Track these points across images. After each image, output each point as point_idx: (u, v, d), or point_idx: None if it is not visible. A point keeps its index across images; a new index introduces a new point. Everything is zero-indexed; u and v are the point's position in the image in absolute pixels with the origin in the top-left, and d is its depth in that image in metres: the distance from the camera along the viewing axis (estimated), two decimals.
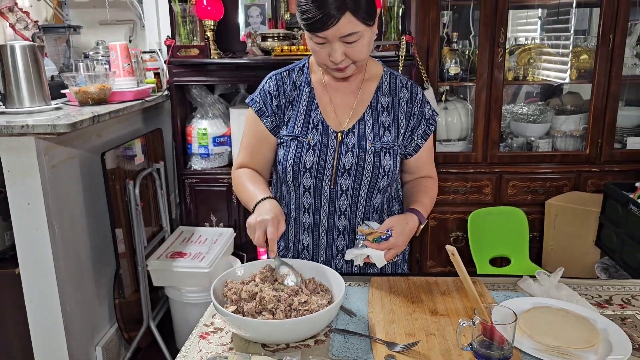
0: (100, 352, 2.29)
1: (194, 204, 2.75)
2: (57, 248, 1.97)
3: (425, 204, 1.41)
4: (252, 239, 1.21)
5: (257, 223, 1.20)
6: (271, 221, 1.19)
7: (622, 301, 1.30)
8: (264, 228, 1.19)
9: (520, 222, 2.70)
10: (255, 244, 1.21)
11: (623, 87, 2.70)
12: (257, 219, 1.21)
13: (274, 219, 1.20)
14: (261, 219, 1.20)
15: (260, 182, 1.38)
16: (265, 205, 1.25)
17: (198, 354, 1.10)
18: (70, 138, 2.07)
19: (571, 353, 1.05)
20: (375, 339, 1.11)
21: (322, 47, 1.25)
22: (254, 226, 1.21)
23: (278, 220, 1.21)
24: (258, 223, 1.20)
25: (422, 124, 1.42)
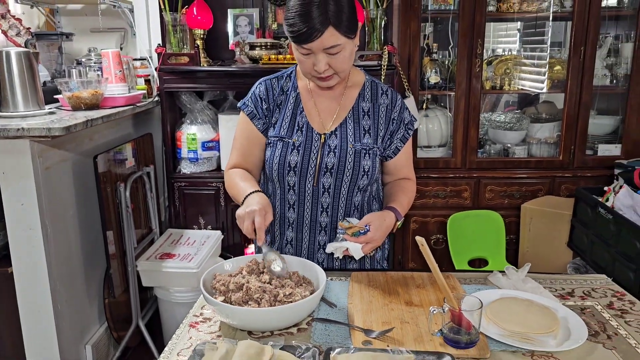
0: (90, 351, 2.34)
1: (183, 207, 2.82)
2: (49, 248, 2.03)
3: (402, 203, 1.51)
4: (242, 229, 1.30)
5: (246, 214, 1.29)
6: (258, 211, 1.29)
7: (583, 293, 1.40)
8: (252, 218, 1.29)
9: (497, 225, 2.81)
10: (245, 234, 1.30)
11: (594, 96, 2.84)
12: (246, 209, 1.30)
13: (261, 210, 1.30)
14: (249, 210, 1.30)
15: (250, 179, 1.47)
16: (254, 198, 1.35)
17: (188, 341, 1.18)
18: (64, 141, 2.14)
19: (532, 338, 1.15)
20: (353, 327, 1.20)
21: (307, 58, 1.35)
22: (243, 216, 1.30)
23: (265, 211, 1.31)
24: (247, 214, 1.29)
25: (401, 128, 1.52)
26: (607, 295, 1.39)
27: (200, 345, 1.09)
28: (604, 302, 1.35)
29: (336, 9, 1.28)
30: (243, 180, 1.46)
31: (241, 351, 1.03)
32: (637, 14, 2.68)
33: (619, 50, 2.87)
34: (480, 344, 1.13)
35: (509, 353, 1.12)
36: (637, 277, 2.07)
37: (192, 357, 1.05)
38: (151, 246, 2.64)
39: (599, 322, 1.25)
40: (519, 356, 1.11)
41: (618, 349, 1.13)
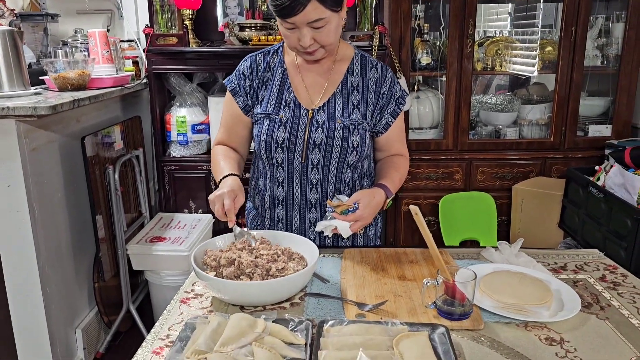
0: (80, 335, 2.32)
1: (173, 191, 2.80)
2: (37, 230, 2.00)
3: (393, 179, 1.49)
4: (214, 212, 1.31)
5: (216, 197, 1.30)
6: (227, 194, 1.30)
7: (575, 267, 1.40)
8: (221, 201, 1.29)
9: (489, 206, 2.82)
10: (217, 217, 1.30)
11: (585, 77, 2.83)
12: (216, 193, 1.31)
13: (230, 192, 1.30)
14: (219, 193, 1.31)
15: (230, 159, 1.47)
16: (226, 182, 1.36)
17: (179, 317, 1.16)
18: (50, 122, 2.10)
19: (526, 309, 1.14)
20: (346, 300, 1.19)
21: (292, 32, 1.33)
22: (214, 200, 1.31)
23: (235, 194, 1.31)
24: (216, 197, 1.30)
25: (391, 102, 1.50)
26: (600, 269, 1.39)
27: (191, 319, 1.07)
28: (596, 275, 1.35)
29: None
30: (223, 160, 1.46)
31: (233, 323, 1.01)
32: None
33: (609, 30, 2.87)
34: (474, 316, 1.13)
35: (502, 324, 1.11)
36: (628, 255, 2.08)
37: (184, 331, 1.04)
38: (141, 230, 2.62)
39: (591, 294, 1.24)
40: (513, 327, 1.10)
41: (611, 320, 1.13)
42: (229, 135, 1.54)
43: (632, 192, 2.05)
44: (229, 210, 1.28)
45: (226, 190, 1.31)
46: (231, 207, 1.28)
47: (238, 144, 1.55)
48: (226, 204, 1.28)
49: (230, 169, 1.42)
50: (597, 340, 1.06)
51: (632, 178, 2.06)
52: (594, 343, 1.05)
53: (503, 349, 1.03)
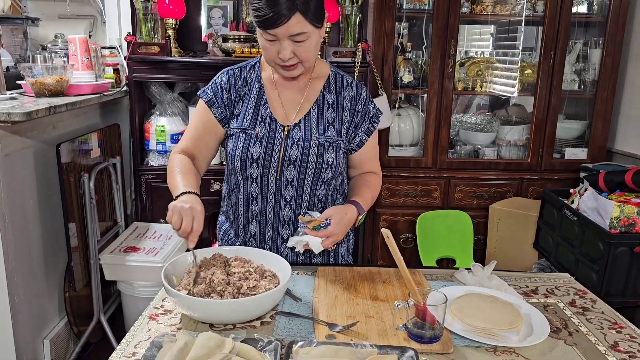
0: (48, 346, 2.27)
1: (150, 200, 2.76)
2: (7, 238, 1.96)
3: (365, 197, 1.49)
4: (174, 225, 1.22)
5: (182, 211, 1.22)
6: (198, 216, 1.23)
7: (546, 291, 1.41)
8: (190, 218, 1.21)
9: (466, 225, 2.84)
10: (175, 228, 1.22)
11: (563, 100, 2.89)
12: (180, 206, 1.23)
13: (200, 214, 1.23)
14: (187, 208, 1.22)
15: (192, 174, 1.39)
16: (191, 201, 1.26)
17: (147, 333, 1.15)
18: (25, 128, 2.06)
19: (495, 333, 1.15)
20: (317, 321, 1.19)
21: (272, 45, 1.33)
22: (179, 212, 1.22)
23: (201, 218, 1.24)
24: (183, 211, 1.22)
25: (365, 121, 1.51)
26: (570, 294, 1.40)
27: (158, 338, 1.05)
28: (566, 300, 1.36)
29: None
30: (181, 174, 1.37)
31: (201, 343, 1.00)
32: (606, 21, 2.74)
33: (587, 56, 2.93)
34: (444, 339, 1.13)
35: (472, 348, 1.12)
36: (599, 278, 2.10)
37: (149, 349, 1.02)
38: (116, 239, 2.58)
39: (561, 319, 1.26)
40: (482, 351, 1.11)
41: (579, 346, 1.14)
42: (195, 144, 1.48)
43: (604, 216, 2.08)
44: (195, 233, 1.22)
45: (199, 208, 1.24)
46: (198, 230, 1.22)
47: (203, 154, 1.50)
48: (195, 227, 1.22)
49: (190, 185, 1.33)
50: None
51: (605, 203, 2.09)
52: None
53: None
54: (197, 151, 1.49)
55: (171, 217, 1.23)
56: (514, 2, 2.83)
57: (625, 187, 2.22)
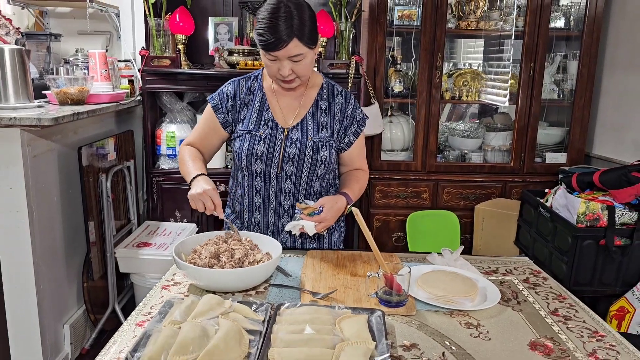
0: (68, 330, 2.50)
1: (161, 201, 3.00)
2: (34, 230, 2.20)
3: (353, 189, 1.72)
4: (199, 209, 1.51)
5: (202, 196, 1.50)
6: (213, 193, 1.51)
7: (505, 271, 1.62)
8: (209, 198, 1.50)
9: (453, 224, 3.05)
10: (201, 211, 1.51)
11: (543, 109, 3.10)
12: (197, 191, 1.51)
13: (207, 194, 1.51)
14: (203, 192, 1.51)
15: (200, 161, 1.68)
16: (199, 184, 1.55)
17: (160, 299, 1.37)
18: (51, 132, 2.31)
19: (452, 300, 1.36)
20: (303, 290, 1.41)
21: (274, 63, 1.57)
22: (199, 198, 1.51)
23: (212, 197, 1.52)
24: (203, 196, 1.50)
25: (353, 124, 1.74)
26: (526, 273, 1.61)
27: (170, 299, 1.28)
28: (521, 278, 1.57)
29: (300, 23, 1.50)
30: (192, 160, 1.66)
31: (204, 301, 1.22)
32: (581, 35, 2.96)
33: (566, 67, 3.15)
34: (408, 304, 1.34)
35: (432, 312, 1.33)
36: (568, 269, 2.31)
37: (163, 307, 1.24)
38: (129, 235, 2.81)
39: (512, 292, 1.47)
40: (440, 314, 1.32)
41: (524, 311, 1.35)
42: (201, 141, 1.75)
43: (572, 212, 2.29)
44: (218, 206, 1.50)
45: (209, 187, 1.51)
46: (219, 202, 1.51)
47: (206, 151, 1.77)
48: (215, 201, 1.50)
49: (199, 168, 1.62)
50: (507, 326, 1.28)
51: (573, 200, 2.30)
52: (503, 327, 1.27)
53: (428, 329, 1.25)
54: (202, 147, 1.76)
55: (198, 204, 1.51)
56: (497, 18, 3.06)
57: (595, 186, 2.42)
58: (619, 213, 2.24)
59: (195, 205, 1.51)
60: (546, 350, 1.17)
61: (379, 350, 1.11)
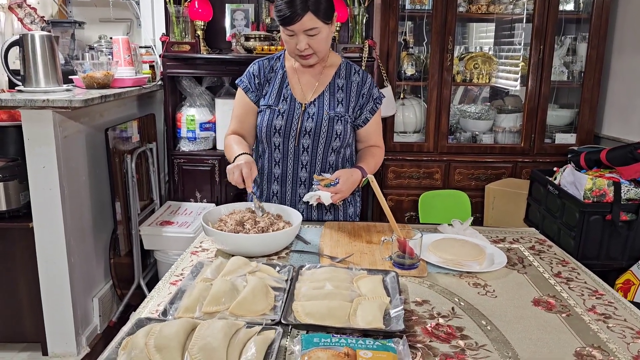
0: (97, 303, 2.64)
1: (181, 182, 3.12)
2: (65, 207, 2.33)
3: (369, 164, 1.82)
4: (232, 181, 1.62)
5: (234, 167, 1.62)
6: (244, 164, 1.61)
7: (512, 240, 1.72)
8: (239, 170, 1.61)
9: (464, 204, 3.13)
10: (235, 184, 1.61)
11: (552, 90, 3.16)
12: (234, 164, 1.63)
13: (247, 164, 1.62)
14: (237, 164, 1.62)
15: (242, 144, 1.79)
16: (242, 157, 1.67)
17: (190, 263, 1.49)
18: (80, 114, 2.43)
19: (461, 263, 1.46)
20: (322, 255, 1.51)
21: (291, 38, 1.67)
22: (232, 169, 1.62)
23: (250, 166, 1.62)
24: (235, 167, 1.62)
25: (370, 102, 1.84)
26: (532, 242, 1.70)
27: (201, 260, 1.39)
28: (527, 246, 1.66)
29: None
30: (236, 144, 1.78)
31: (232, 262, 1.33)
32: (590, 17, 3.01)
33: (576, 49, 3.20)
34: (420, 267, 1.44)
35: (442, 274, 1.43)
36: (576, 243, 2.39)
37: (195, 267, 1.36)
38: (152, 215, 2.94)
39: (518, 257, 1.56)
40: (450, 276, 1.42)
41: (528, 274, 1.44)
42: (240, 125, 1.86)
43: (579, 188, 2.36)
44: (247, 178, 1.59)
45: (243, 161, 1.62)
46: (249, 174, 1.60)
47: (249, 131, 1.86)
48: (244, 172, 1.59)
49: (243, 150, 1.73)
50: (512, 286, 1.37)
51: (580, 176, 2.38)
52: (509, 287, 1.36)
53: (438, 289, 1.35)
54: (244, 131, 1.86)
55: (232, 177, 1.61)
56: (507, 1, 3.12)
57: (602, 164, 2.49)
58: (624, 189, 2.31)
59: (229, 177, 1.62)
60: (548, 306, 1.26)
61: (393, 304, 1.21)
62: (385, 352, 1.01)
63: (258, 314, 1.15)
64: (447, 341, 1.10)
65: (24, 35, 2.34)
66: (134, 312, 1.21)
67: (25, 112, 2.19)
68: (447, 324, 1.17)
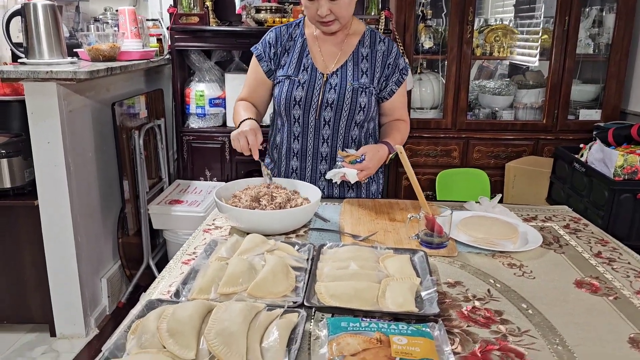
0: (105, 284, 2.57)
1: (191, 160, 3.03)
2: (71, 184, 2.24)
3: (396, 139, 1.71)
4: (237, 148, 1.53)
5: (239, 134, 1.52)
6: (249, 132, 1.52)
7: (544, 218, 1.61)
8: (244, 137, 1.51)
9: (483, 182, 3.02)
10: (240, 151, 1.52)
11: (577, 64, 3.02)
12: (238, 131, 1.54)
13: (252, 130, 1.52)
14: (241, 131, 1.53)
15: (251, 110, 1.70)
16: (246, 123, 1.58)
17: (203, 241, 1.39)
18: (85, 88, 2.33)
19: (494, 242, 1.36)
20: (343, 233, 1.42)
21: (312, 4, 1.55)
22: (237, 137, 1.53)
23: (255, 132, 1.53)
24: (240, 134, 1.52)
25: (395, 72, 1.72)
26: (565, 220, 1.60)
27: (215, 238, 1.30)
28: (561, 224, 1.56)
29: None
30: (244, 110, 1.69)
31: (249, 239, 1.24)
32: None
33: (602, 21, 3.05)
34: (449, 246, 1.34)
35: (473, 254, 1.33)
36: (604, 222, 2.28)
37: (209, 245, 1.26)
38: (161, 193, 2.85)
39: (554, 237, 1.46)
40: (482, 256, 1.32)
41: (566, 254, 1.34)
42: (250, 95, 1.77)
43: (609, 165, 2.24)
44: (253, 146, 1.50)
45: (247, 128, 1.52)
46: (254, 142, 1.50)
47: (258, 104, 1.77)
48: (250, 140, 1.50)
49: (250, 115, 1.64)
50: (551, 266, 1.27)
51: (610, 153, 2.25)
52: (547, 268, 1.26)
53: (471, 269, 1.25)
54: (253, 100, 1.77)
55: (237, 144, 1.52)
56: None
57: (632, 140, 2.37)
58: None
59: (234, 144, 1.53)
60: (593, 288, 1.16)
61: (424, 286, 1.11)
62: (422, 338, 0.92)
63: (279, 295, 1.05)
64: (486, 326, 1.01)
65: (25, 4, 2.23)
66: (144, 293, 1.12)
67: (29, 84, 2.10)
68: (484, 307, 1.07)
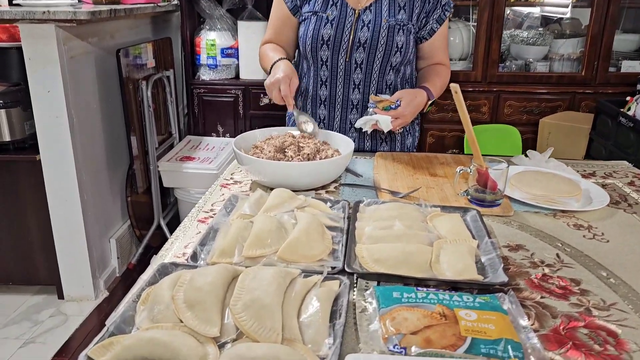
0: (114, 244, 2.43)
1: (202, 114, 2.84)
2: (75, 138, 2.07)
3: (435, 84, 1.51)
4: (272, 98, 1.35)
5: (272, 83, 1.35)
6: (282, 79, 1.34)
7: (604, 174, 1.43)
8: (278, 86, 1.34)
9: (515, 139, 2.82)
10: (275, 102, 1.33)
11: (622, 11, 2.76)
12: (271, 80, 1.35)
13: (285, 77, 1.35)
14: (274, 79, 1.35)
15: (279, 50, 1.51)
16: (279, 66, 1.39)
17: (221, 197, 1.23)
18: (87, 32, 2.13)
19: (555, 200, 1.18)
20: (380, 189, 1.24)
21: None
22: (270, 87, 1.35)
23: (290, 78, 1.35)
24: (272, 83, 1.35)
25: (437, 8, 1.50)
26: (629, 176, 1.41)
27: (235, 193, 1.13)
28: (624, 181, 1.37)
29: None
30: (272, 51, 1.50)
31: (275, 194, 1.07)
32: None
33: None
34: (504, 204, 1.17)
35: (531, 213, 1.15)
36: None
37: (229, 201, 1.09)
38: (171, 149, 2.68)
39: (619, 195, 1.28)
40: (542, 216, 1.14)
41: (638, 214, 1.16)
42: (276, 36, 1.57)
43: None
44: (286, 96, 1.34)
45: (281, 75, 1.35)
46: (288, 92, 1.34)
47: (286, 43, 1.57)
48: (283, 89, 1.33)
49: (280, 55, 1.45)
50: (624, 228, 1.09)
51: None
52: (620, 230, 1.08)
53: (532, 230, 1.08)
54: (279, 42, 1.57)
55: (272, 94, 1.37)
56: None
57: None
58: None
59: (269, 94, 1.38)
60: None
61: (482, 250, 0.95)
62: (493, 312, 0.75)
63: (314, 259, 0.89)
64: (564, 297, 0.84)
65: None
66: (155, 255, 0.96)
67: (25, 26, 1.90)
68: (556, 276, 0.91)
